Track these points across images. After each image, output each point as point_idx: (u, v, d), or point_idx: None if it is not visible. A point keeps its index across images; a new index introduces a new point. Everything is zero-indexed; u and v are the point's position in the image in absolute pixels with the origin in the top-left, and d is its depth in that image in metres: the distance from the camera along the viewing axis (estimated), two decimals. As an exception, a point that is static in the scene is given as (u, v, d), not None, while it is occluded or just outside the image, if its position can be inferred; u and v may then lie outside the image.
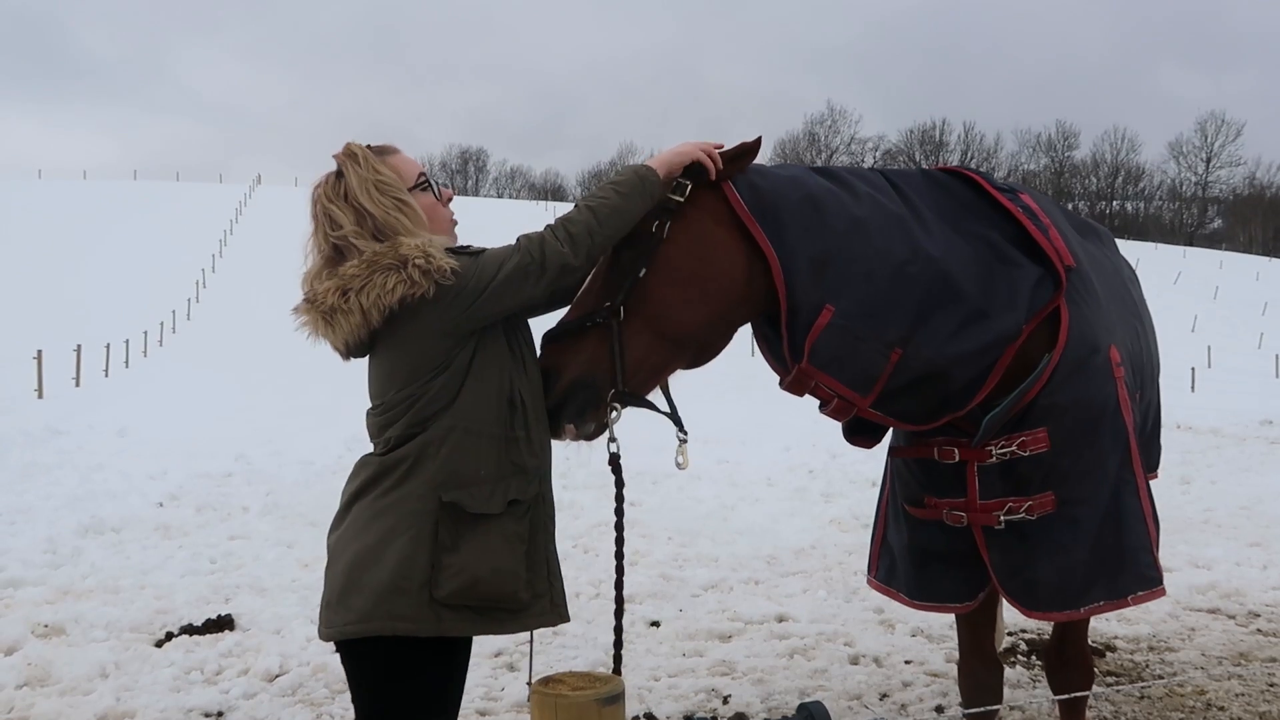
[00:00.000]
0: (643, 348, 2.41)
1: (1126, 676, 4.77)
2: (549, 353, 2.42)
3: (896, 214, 2.58)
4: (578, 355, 2.39)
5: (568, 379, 2.38)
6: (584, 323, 2.39)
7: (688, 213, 2.46)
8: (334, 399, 18.25)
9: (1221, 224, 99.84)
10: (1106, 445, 2.74)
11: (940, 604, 3.03)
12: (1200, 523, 8.65)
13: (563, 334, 2.42)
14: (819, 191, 2.53)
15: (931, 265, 2.54)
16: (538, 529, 2.34)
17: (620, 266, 2.43)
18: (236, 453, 12.02)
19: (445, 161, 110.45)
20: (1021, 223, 2.68)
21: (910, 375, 2.54)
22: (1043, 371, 2.61)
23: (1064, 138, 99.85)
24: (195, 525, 8.47)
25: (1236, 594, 6.20)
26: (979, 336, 2.55)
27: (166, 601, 5.98)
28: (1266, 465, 12.30)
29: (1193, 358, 31.26)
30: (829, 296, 2.45)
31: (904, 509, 3.01)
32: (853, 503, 9.26)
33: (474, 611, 2.23)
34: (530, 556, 2.29)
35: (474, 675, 4.73)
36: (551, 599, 2.36)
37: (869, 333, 2.48)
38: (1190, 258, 68.58)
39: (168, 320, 31.89)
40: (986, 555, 2.81)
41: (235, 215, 55.47)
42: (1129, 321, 3.11)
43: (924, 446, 2.83)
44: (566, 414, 2.40)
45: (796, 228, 2.46)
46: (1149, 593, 2.79)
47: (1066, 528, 2.73)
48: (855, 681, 4.62)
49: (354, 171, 2.35)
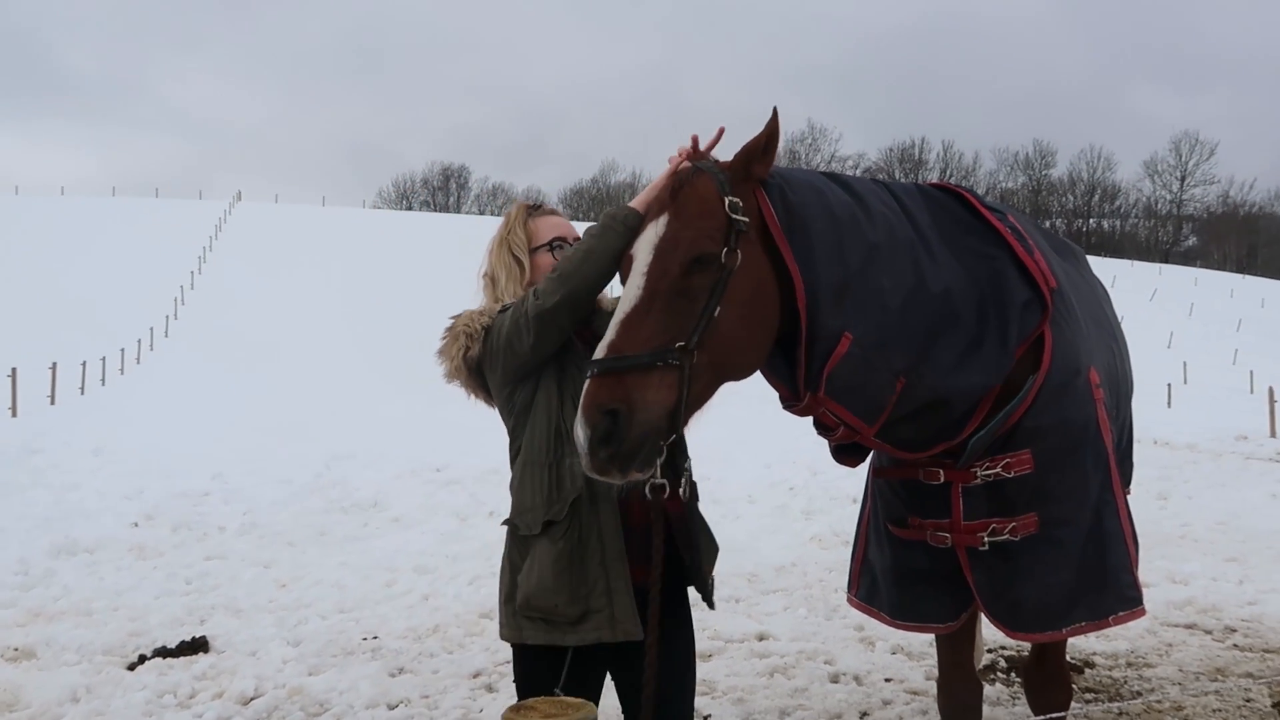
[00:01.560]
0: (703, 385, 2.27)
1: (1105, 693, 4.78)
2: (613, 385, 2.14)
3: (907, 239, 2.52)
4: (646, 396, 2.15)
5: (643, 424, 2.14)
6: (654, 361, 2.17)
7: (746, 234, 2.29)
8: (313, 417, 18.16)
9: (1196, 241, 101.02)
10: (1089, 467, 2.75)
11: (923, 624, 3.02)
12: (1177, 538, 8.71)
13: (627, 368, 2.16)
14: (840, 210, 2.44)
15: (937, 294, 2.51)
16: (587, 549, 2.50)
17: (690, 297, 2.23)
18: (214, 471, 11.91)
19: (427, 178, 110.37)
20: (1010, 244, 2.68)
21: (913, 404, 2.51)
22: (1027, 394, 2.61)
23: (1041, 156, 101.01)
24: (171, 545, 8.38)
25: (1213, 609, 6.24)
26: (978, 369, 2.54)
27: (140, 623, 5.90)
28: (1242, 481, 12.41)
29: (1169, 374, 31.58)
30: (848, 324, 2.36)
31: (887, 529, 3.00)
32: (833, 520, 9.27)
33: (544, 623, 2.53)
34: (573, 574, 2.48)
35: (453, 696, 4.70)
36: (612, 614, 2.49)
37: (881, 362, 2.42)
38: (1166, 275, 69.39)
39: (145, 338, 31.61)
40: (970, 576, 2.80)
41: (215, 232, 55.13)
42: (1106, 342, 3.13)
43: (909, 468, 2.81)
44: (639, 464, 2.17)
45: (822, 250, 2.35)
46: (1130, 613, 2.80)
47: (1050, 549, 2.73)
48: (835, 700, 4.61)
49: (502, 224, 2.86)
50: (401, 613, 6.27)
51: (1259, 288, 68.40)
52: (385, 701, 4.64)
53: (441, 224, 65.68)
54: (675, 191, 2.37)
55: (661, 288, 2.23)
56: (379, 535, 9.13)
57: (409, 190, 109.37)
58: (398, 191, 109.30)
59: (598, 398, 2.13)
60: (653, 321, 2.21)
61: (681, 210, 2.32)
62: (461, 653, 5.40)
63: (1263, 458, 15.31)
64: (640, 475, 2.20)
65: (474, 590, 6.80)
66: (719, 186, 2.33)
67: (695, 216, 2.29)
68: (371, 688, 4.75)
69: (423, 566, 7.58)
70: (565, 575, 2.47)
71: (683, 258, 2.25)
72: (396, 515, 10.00)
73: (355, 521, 9.77)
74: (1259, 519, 9.67)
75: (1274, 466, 14.10)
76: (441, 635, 5.74)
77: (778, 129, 2.36)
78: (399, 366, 26.28)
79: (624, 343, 2.19)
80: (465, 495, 11.02)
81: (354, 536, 9.06)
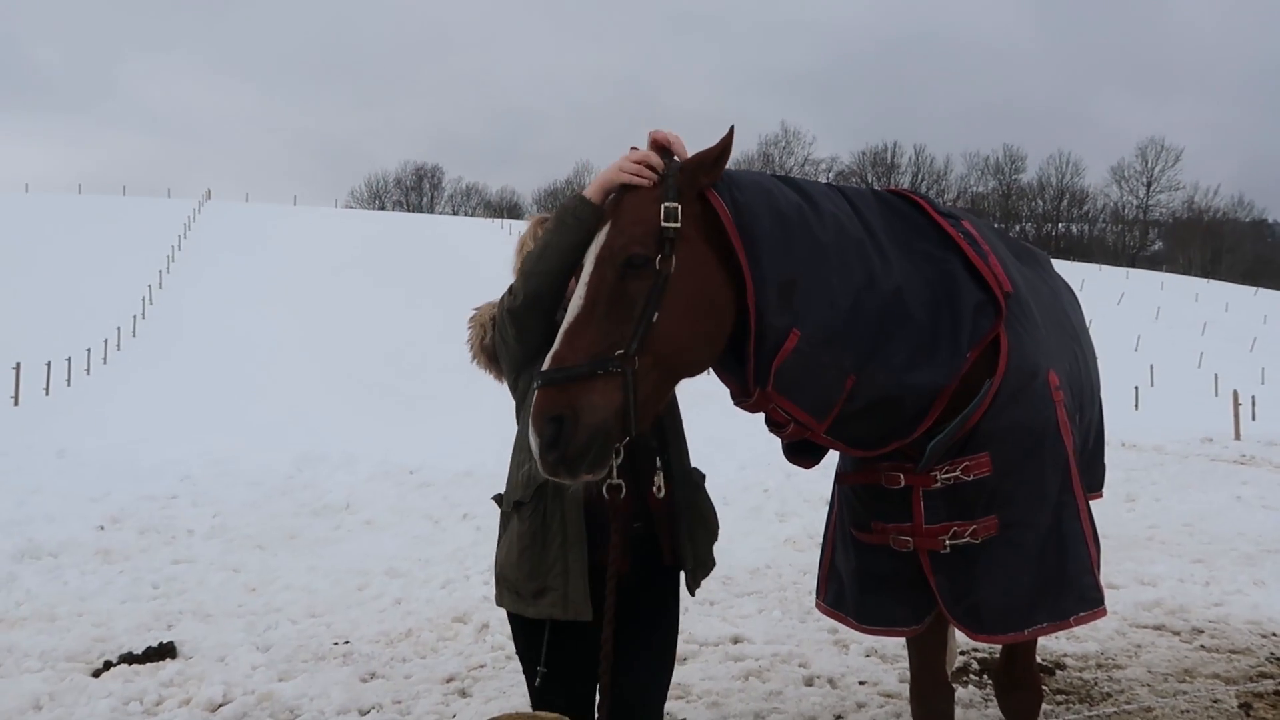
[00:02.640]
0: (651, 386, 2.32)
1: (1075, 694, 4.82)
2: (554, 396, 2.22)
3: (857, 238, 2.55)
4: (591, 401, 2.22)
5: (588, 426, 2.22)
6: (594, 370, 2.24)
7: (687, 237, 2.35)
8: (283, 418, 17.98)
9: (1162, 246, 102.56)
10: (1047, 469, 2.77)
11: (888, 628, 3.03)
12: (1145, 540, 8.82)
13: (569, 379, 2.23)
14: (788, 209, 2.48)
15: (887, 293, 2.53)
16: (549, 531, 2.66)
17: (626, 303, 2.29)
18: (182, 474, 11.76)
19: (400, 178, 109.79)
20: (962, 248, 2.71)
21: (863, 401, 2.53)
22: (984, 397, 2.63)
23: (1011, 161, 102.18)
24: (137, 549, 8.25)
25: (1181, 610, 6.32)
26: (929, 369, 2.56)
27: (105, 629, 5.81)
28: (1207, 482, 12.59)
29: (1136, 377, 32.01)
30: (795, 321, 2.40)
31: (851, 534, 3.02)
32: (807, 522, 9.30)
33: (514, 594, 2.72)
34: (534, 553, 2.65)
35: (426, 701, 4.65)
36: (565, 594, 2.63)
37: (829, 359, 2.45)
38: (1133, 279, 70.37)
39: (112, 337, 31.12)
40: (932, 579, 2.82)
41: (184, 231, 54.43)
42: (1067, 345, 3.15)
43: (871, 472, 2.84)
44: (587, 466, 2.25)
45: (769, 246, 2.40)
46: (1091, 613, 2.82)
47: (1010, 551, 2.74)
48: (810, 704, 4.61)
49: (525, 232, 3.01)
50: (373, 617, 6.21)
51: (1223, 292, 69.56)
52: (357, 707, 4.59)
53: (414, 224, 65.28)
54: (615, 203, 2.44)
55: (600, 296, 2.30)
56: (350, 538, 9.05)
57: (382, 190, 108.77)
58: (370, 191, 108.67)
59: (543, 407, 2.23)
60: (594, 330, 2.28)
61: (618, 219, 2.39)
62: (434, 657, 5.36)
63: (1227, 460, 15.55)
64: (592, 476, 2.29)
65: (447, 594, 6.75)
66: (662, 192, 2.38)
67: (628, 224, 2.36)
68: (343, 693, 4.69)
69: (395, 570, 7.51)
70: (528, 553, 2.67)
71: (615, 263, 2.32)
72: (368, 518, 9.91)
73: (326, 524, 9.67)
74: (1224, 521, 9.81)
75: (1238, 469, 14.32)
76: (414, 639, 5.68)
77: (730, 144, 2.42)
78: (372, 368, 26.09)
79: (567, 353, 2.26)
80: (438, 498, 10.95)
81: (325, 540, 8.97)
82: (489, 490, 12.37)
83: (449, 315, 37.11)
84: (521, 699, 4.68)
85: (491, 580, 6.95)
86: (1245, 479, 12.89)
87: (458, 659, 5.27)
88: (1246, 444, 18.01)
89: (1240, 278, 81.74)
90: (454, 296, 38.62)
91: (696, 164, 2.41)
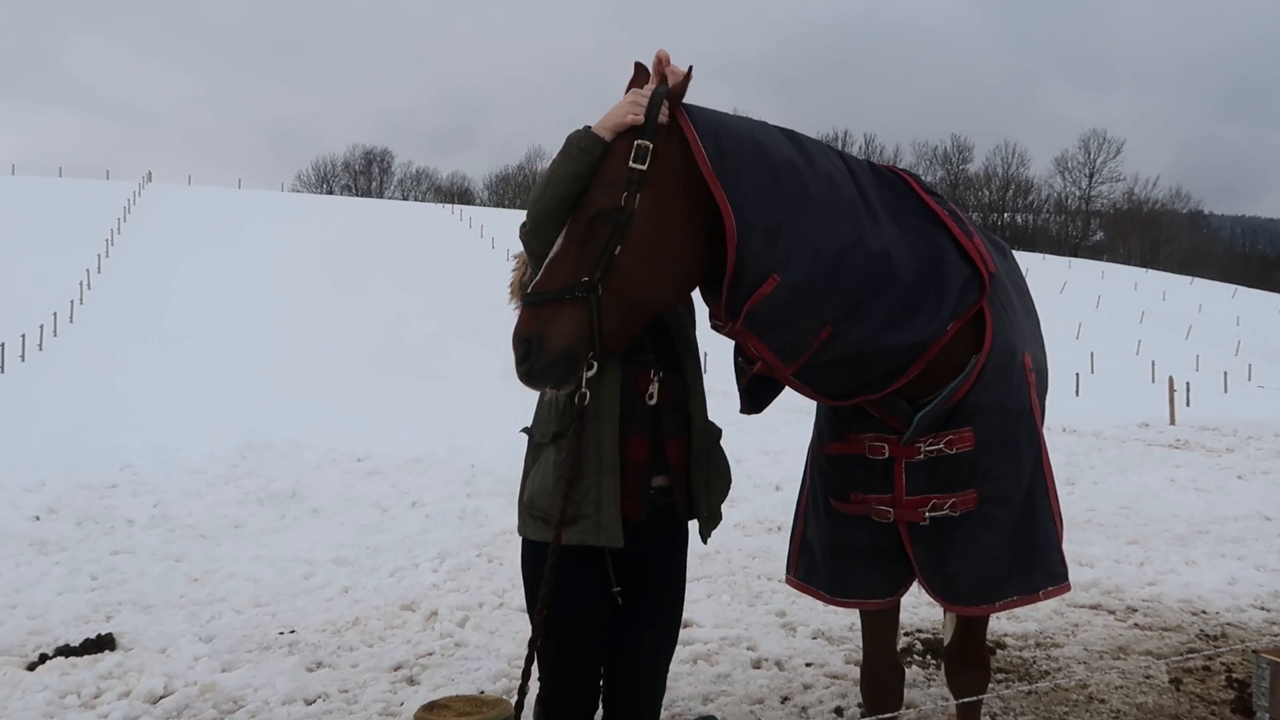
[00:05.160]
0: (618, 316, 2.50)
1: (1015, 673, 4.93)
2: (530, 317, 2.48)
3: (849, 199, 2.61)
4: (558, 325, 2.45)
5: (552, 351, 2.45)
6: (563, 295, 2.45)
7: (655, 180, 2.46)
8: (229, 406, 17.62)
9: (1103, 236, 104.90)
10: (1023, 446, 2.87)
11: (860, 600, 3.08)
12: (1084, 522, 9.06)
13: (543, 301, 2.47)
14: (779, 160, 2.53)
15: (875, 254, 2.58)
16: (585, 460, 2.74)
17: (595, 239, 2.46)
18: (122, 462, 11.49)
19: (349, 162, 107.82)
20: (950, 227, 2.78)
21: (835, 354, 2.57)
22: (971, 372, 2.70)
23: (959, 151, 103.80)
24: (75, 539, 8.06)
25: (1116, 590, 6.50)
26: (908, 332, 2.61)
27: (41, 621, 5.67)
28: (1144, 466, 12.95)
29: (1077, 364, 32.76)
30: (776, 267, 2.46)
31: (829, 505, 3.05)
32: (756, 507, 9.38)
33: (542, 521, 2.80)
34: (570, 483, 2.70)
35: (373, 690, 4.61)
36: (598, 522, 2.72)
37: (807, 308, 2.49)
38: (1075, 268, 71.86)
39: (49, 323, 30.21)
40: (911, 550, 2.89)
41: (123, 214, 52.94)
42: (1035, 332, 3.28)
43: (854, 443, 2.89)
44: (550, 379, 2.50)
45: (754, 192, 2.46)
46: (1057, 588, 2.94)
47: (986, 525, 2.83)
48: (757, 686, 4.66)
49: None
50: (320, 605, 6.14)
51: (1160, 281, 71.35)
52: (302, 697, 4.53)
53: (363, 208, 64.31)
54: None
55: (575, 236, 2.50)
56: (297, 527, 8.93)
57: (329, 174, 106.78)
58: (318, 175, 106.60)
59: (518, 328, 2.50)
60: (569, 262, 2.48)
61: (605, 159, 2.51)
62: (382, 645, 5.31)
63: (1163, 444, 16.01)
64: (558, 390, 2.62)
65: (395, 582, 6.70)
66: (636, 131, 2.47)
67: (601, 175, 2.50)
68: (288, 683, 4.63)
69: (342, 558, 7.43)
70: (563, 482, 2.72)
71: (589, 212, 2.49)
72: (315, 506, 9.79)
73: (272, 513, 9.53)
74: (1158, 503, 10.11)
75: (1173, 452, 14.76)
76: (361, 628, 5.63)
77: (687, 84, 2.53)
78: (319, 355, 25.70)
79: (544, 281, 2.49)
80: (386, 485, 10.84)
81: (270, 528, 8.84)
82: (439, 478, 12.30)
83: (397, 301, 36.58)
84: (469, 686, 4.67)
85: (441, 568, 6.93)
86: (1179, 462, 13.29)
87: (406, 647, 5.24)
88: (1181, 429, 18.56)
89: (1177, 267, 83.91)
90: (403, 283, 38.04)
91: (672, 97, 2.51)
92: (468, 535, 8.18)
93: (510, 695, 4.53)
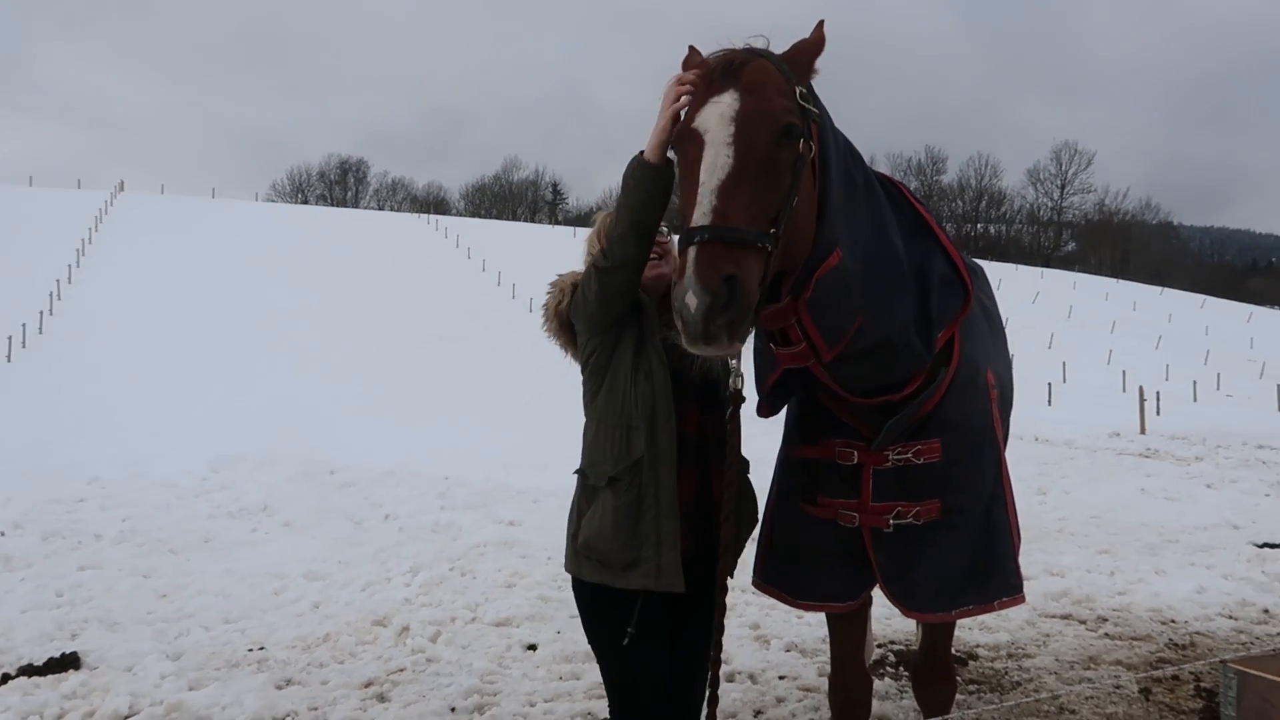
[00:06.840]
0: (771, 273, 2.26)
1: (987, 684, 4.95)
2: (725, 254, 2.09)
3: (878, 193, 2.73)
4: (751, 270, 2.13)
5: (749, 299, 2.12)
6: (757, 241, 2.14)
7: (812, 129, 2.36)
8: (200, 418, 17.41)
9: (1075, 247, 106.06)
10: (985, 460, 2.95)
11: (823, 603, 3.12)
12: (1055, 531, 9.12)
13: (738, 241, 2.12)
14: (840, 140, 2.58)
15: (895, 248, 2.68)
16: (645, 504, 2.72)
17: (777, 174, 2.22)
18: (90, 476, 11.34)
19: (324, 172, 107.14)
20: (939, 236, 2.87)
21: (864, 344, 2.60)
22: (940, 385, 2.78)
23: (933, 162, 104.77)
24: (40, 555, 7.94)
25: (1087, 600, 6.55)
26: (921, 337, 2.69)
27: (4, 640, 5.58)
28: (1115, 475, 13.08)
29: (1049, 373, 33.04)
30: (840, 240, 2.46)
31: (796, 508, 3.10)
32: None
33: (600, 564, 2.79)
34: (631, 526, 2.71)
35: (343, 707, 4.56)
36: (659, 566, 2.71)
37: (852, 289, 2.50)
38: (1047, 278, 72.52)
39: (17, 334, 29.77)
40: (873, 556, 2.95)
41: (95, 224, 52.30)
42: (1001, 352, 3.37)
43: (824, 447, 2.95)
44: (742, 335, 2.14)
45: (834, 166, 2.46)
46: (1012, 599, 2.99)
47: (948, 535, 2.89)
48: (731, 699, 4.65)
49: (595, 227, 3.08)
50: (290, 621, 6.07)
51: (1131, 292, 72.23)
52: (271, 715, 4.47)
53: (337, 218, 63.90)
54: (733, 68, 2.31)
55: (751, 159, 2.20)
56: (268, 541, 8.83)
57: (304, 184, 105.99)
58: (293, 184, 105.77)
59: (716, 264, 2.07)
60: (747, 194, 2.17)
61: (755, 86, 2.28)
62: (353, 662, 5.26)
63: (1133, 453, 16.18)
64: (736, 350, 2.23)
65: (367, 596, 6.63)
66: (784, 73, 2.35)
67: (775, 94, 2.29)
68: (257, 701, 4.57)
69: (314, 573, 7.36)
70: (623, 526, 2.72)
71: (771, 128, 2.22)
72: (287, 520, 9.69)
73: (243, 527, 9.42)
74: (1129, 512, 10.20)
75: (1143, 462, 14.92)
76: (332, 644, 5.57)
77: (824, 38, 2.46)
78: (292, 367, 25.48)
79: (730, 211, 2.14)
80: (360, 498, 10.76)
81: (241, 542, 8.73)
82: (412, 490, 12.17)
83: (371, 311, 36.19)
84: (440, 702, 4.63)
85: (414, 582, 6.87)
86: (1149, 471, 13.44)
87: (377, 663, 5.18)
88: (1151, 438, 18.77)
89: (1148, 278, 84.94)
90: (377, 293, 37.77)
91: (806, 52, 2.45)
92: (441, 548, 8.12)
93: (483, 711, 4.50)
